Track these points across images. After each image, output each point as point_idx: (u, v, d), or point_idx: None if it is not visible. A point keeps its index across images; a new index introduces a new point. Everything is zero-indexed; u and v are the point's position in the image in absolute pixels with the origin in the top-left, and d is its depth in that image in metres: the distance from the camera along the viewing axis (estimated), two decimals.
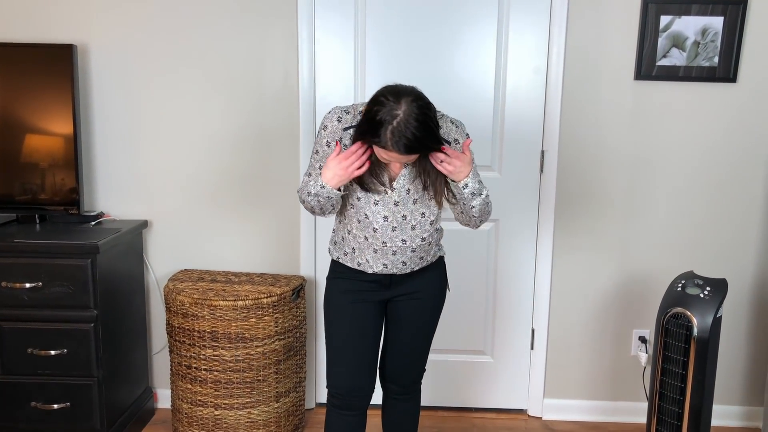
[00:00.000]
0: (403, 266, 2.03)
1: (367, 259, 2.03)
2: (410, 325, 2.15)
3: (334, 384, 2.12)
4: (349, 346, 2.09)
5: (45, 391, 2.55)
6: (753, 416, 2.99)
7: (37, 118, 2.68)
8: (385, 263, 2.02)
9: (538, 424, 2.99)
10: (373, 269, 2.03)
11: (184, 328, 2.59)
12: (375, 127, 1.77)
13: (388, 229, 1.98)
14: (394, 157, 1.83)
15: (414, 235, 2.00)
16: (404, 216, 1.98)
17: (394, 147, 1.76)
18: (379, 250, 2.00)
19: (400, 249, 2.00)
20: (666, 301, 2.26)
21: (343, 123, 1.94)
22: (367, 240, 2.01)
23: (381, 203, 1.97)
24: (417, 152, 1.80)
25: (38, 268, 2.47)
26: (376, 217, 1.98)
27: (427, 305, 2.14)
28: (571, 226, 2.89)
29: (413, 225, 2.00)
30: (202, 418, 2.63)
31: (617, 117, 2.80)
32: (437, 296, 2.17)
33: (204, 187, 2.90)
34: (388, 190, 1.95)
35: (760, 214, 2.85)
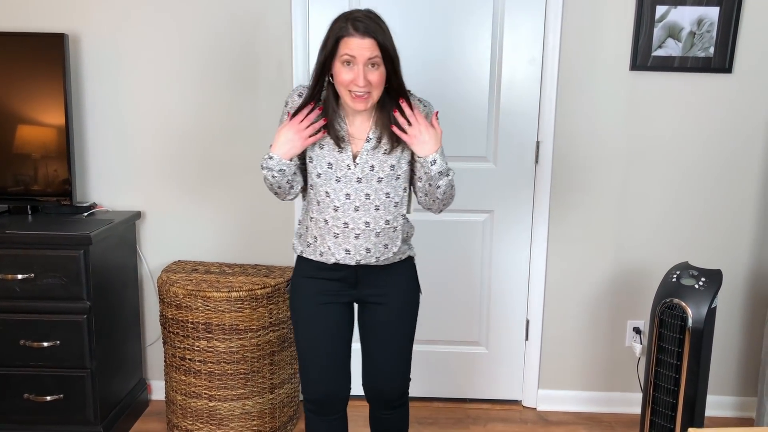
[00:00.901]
0: (366, 253, 1.93)
1: (329, 246, 1.93)
2: (381, 336, 2.04)
3: (308, 391, 2.04)
4: (320, 351, 2.00)
5: (38, 383, 2.53)
6: (747, 406, 3.00)
7: (29, 109, 2.66)
8: (347, 248, 1.92)
9: (533, 415, 3.00)
10: (335, 257, 1.93)
11: (178, 319, 2.58)
12: (333, 27, 1.79)
13: (351, 209, 1.90)
14: (355, 47, 1.77)
15: (378, 216, 1.92)
16: (368, 195, 1.90)
17: (358, 28, 1.76)
18: (341, 233, 1.91)
19: (363, 232, 1.92)
20: (661, 291, 2.26)
21: (304, 98, 1.89)
22: (327, 223, 1.92)
23: (343, 180, 1.89)
24: (378, 35, 1.77)
25: (30, 259, 2.45)
26: (337, 195, 1.90)
27: (397, 313, 2.03)
28: (566, 217, 2.89)
29: (377, 205, 1.91)
30: (196, 410, 2.62)
31: (612, 108, 2.79)
32: (409, 302, 2.06)
33: (198, 178, 2.88)
34: (351, 165, 1.88)
35: (755, 205, 2.85)
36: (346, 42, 1.78)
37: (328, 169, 1.90)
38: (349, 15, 1.80)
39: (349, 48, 1.78)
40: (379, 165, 1.90)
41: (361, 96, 1.82)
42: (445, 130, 2.83)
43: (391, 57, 1.81)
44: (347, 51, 1.78)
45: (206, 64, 2.80)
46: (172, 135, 2.85)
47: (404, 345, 2.07)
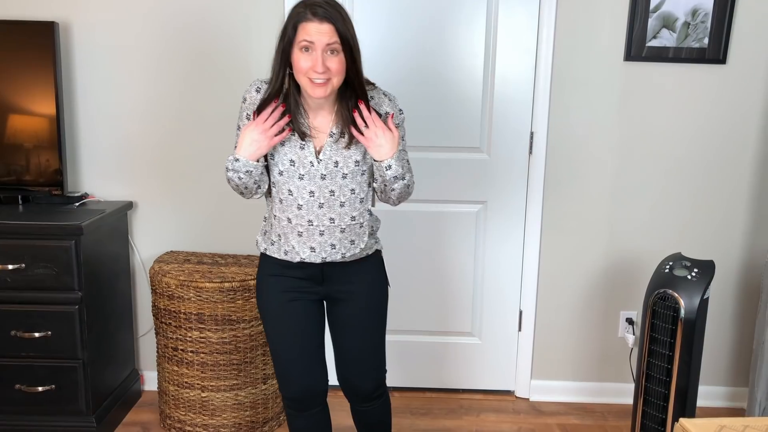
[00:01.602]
0: (332, 250, 1.89)
1: (293, 245, 1.89)
2: (350, 331, 2.00)
3: (285, 389, 2.01)
4: (291, 348, 1.97)
5: (29, 373, 2.52)
6: (738, 397, 3.01)
7: (20, 98, 2.64)
8: (312, 246, 1.88)
9: (525, 405, 3.01)
10: (300, 256, 1.89)
11: (170, 310, 2.57)
12: (291, 14, 1.76)
13: (315, 206, 1.86)
14: (313, 32, 1.72)
15: (343, 212, 1.88)
16: (332, 191, 1.86)
17: (316, 12, 1.71)
18: (304, 231, 1.87)
19: (328, 229, 1.87)
20: (654, 282, 2.26)
21: (262, 93, 1.85)
22: (290, 222, 1.88)
23: (307, 177, 1.84)
24: (337, 21, 1.73)
25: (21, 249, 2.44)
26: (301, 193, 1.85)
27: (365, 308, 1.99)
28: (559, 208, 2.89)
29: (342, 202, 1.87)
30: (189, 400, 2.62)
31: (606, 98, 2.79)
32: (377, 296, 2.01)
33: (190, 168, 2.87)
34: (314, 161, 1.83)
35: (748, 196, 2.85)
36: (304, 27, 1.73)
37: (290, 167, 1.85)
38: (308, 1, 1.75)
39: (308, 33, 1.73)
40: (343, 161, 1.85)
41: (321, 83, 1.76)
42: (439, 120, 2.83)
43: (350, 45, 1.76)
44: (305, 36, 1.73)
45: (199, 53, 2.77)
46: (165, 124, 2.83)
47: (375, 339, 2.03)
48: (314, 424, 2.07)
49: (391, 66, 2.77)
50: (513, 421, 2.87)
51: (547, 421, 2.87)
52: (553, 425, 2.85)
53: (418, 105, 2.79)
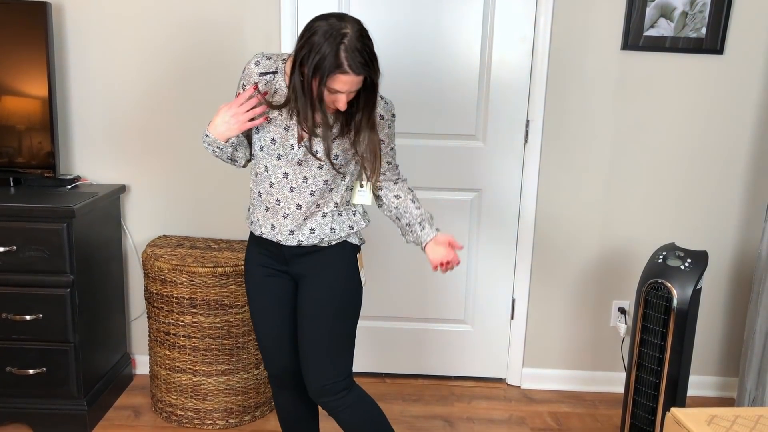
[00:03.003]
0: (290, 235, 1.87)
1: (258, 217, 1.90)
2: (307, 319, 1.91)
3: (266, 365, 2.04)
4: (268, 325, 1.97)
5: (20, 356, 2.51)
6: (728, 386, 3.03)
7: (11, 79, 2.61)
8: (273, 224, 1.87)
9: (517, 393, 3.02)
10: (261, 230, 1.89)
11: (163, 294, 2.56)
12: (323, 55, 1.63)
13: (286, 188, 1.85)
14: (347, 84, 1.66)
15: (311, 201, 1.85)
16: (305, 178, 1.83)
17: (352, 67, 1.63)
18: (271, 208, 1.87)
19: (293, 213, 1.86)
20: (647, 272, 2.27)
21: (260, 67, 1.82)
22: (261, 196, 1.89)
23: (284, 159, 1.83)
24: (370, 70, 1.68)
25: (12, 231, 2.42)
26: (275, 172, 1.84)
27: (320, 294, 1.90)
28: (554, 197, 2.88)
29: (313, 191, 1.85)
30: (181, 385, 2.62)
31: (603, 87, 2.78)
32: (336, 288, 1.91)
33: (183, 152, 2.85)
34: (294, 145, 1.80)
35: (743, 186, 2.86)
36: (338, 78, 1.66)
37: (271, 145, 1.84)
38: (344, 42, 1.63)
39: (340, 84, 1.67)
40: (323, 151, 1.81)
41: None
42: (435, 108, 2.82)
43: (375, 84, 1.74)
44: (336, 86, 1.68)
45: (193, 35, 2.75)
46: (158, 108, 2.81)
47: (327, 333, 1.90)
48: (296, 402, 2.09)
49: (386, 53, 2.75)
50: (504, 409, 2.88)
51: (538, 409, 2.89)
52: (544, 413, 2.86)
53: (413, 92, 2.78)
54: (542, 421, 2.80)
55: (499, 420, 2.79)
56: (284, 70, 1.82)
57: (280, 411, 2.13)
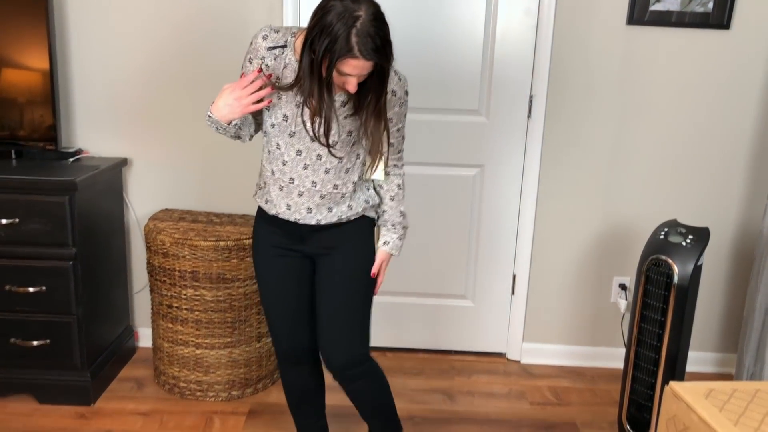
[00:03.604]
0: (307, 213, 1.86)
1: (272, 197, 1.87)
2: (327, 295, 1.93)
3: (275, 342, 2.03)
4: (278, 303, 1.96)
5: (24, 328, 2.53)
6: (727, 363, 3.05)
7: (12, 52, 2.59)
8: (288, 204, 1.85)
9: (517, 368, 3.04)
10: (276, 209, 1.87)
11: (165, 267, 2.57)
12: (335, 37, 1.57)
13: (299, 166, 1.82)
14: (357, 68, 1.62)
15: (326, 179, 1.83)
16: (319, 156, 1.81)
17: (362, 52, 1.57)
18: (285, 187, 1.84)
19: (308, 191, 1.84)
20: (648, 248, 2.27)
21: (268, 41, 1.76)
22: (274, 174, 1.85)
23: (297, 136, 1.79)
24: (382, 56, 1.62)
25: (15, 204, 2.42)
26: (288, 150, 1.81)
27: (344, 272, 1.92)
28: (556, 173, 2.88)
29: (327, 168, 1.82)
30: (183, 357, 2.64)
31: (607, 62, 2.76)
32: (357, 262, 1.93)
33: (186, 126, 2.84)
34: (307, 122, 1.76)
35: (746, 163, 2.85)
36: (348, 62, 1.61)
37: (283, 122, 1.79)
38: (356, 26, 1.57)
39: (350, 68, 1.63)
40: (336, 128, 1.77)
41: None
42: (437, 82, 2.80)
43: (385, 70, 1.69)
44: (346, 70, 1.63)
45: (194, 6, 2.73)
46: (160, 80, 2.80)
47: (350, 307, 1.94)
48: (304, 380, 2.10)
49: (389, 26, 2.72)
50: (504, 383, 2.91)
51: (537, 384, 2.91)
52: (544, 387, 2.88)
53: (416, 67, 2.76)
54: (542, 396, 2.82)
55: (499, 394, 2.82)
56: (293, 45, 1.77)
57: (290, 388, 2.12)
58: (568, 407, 2.74)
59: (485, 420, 2.63)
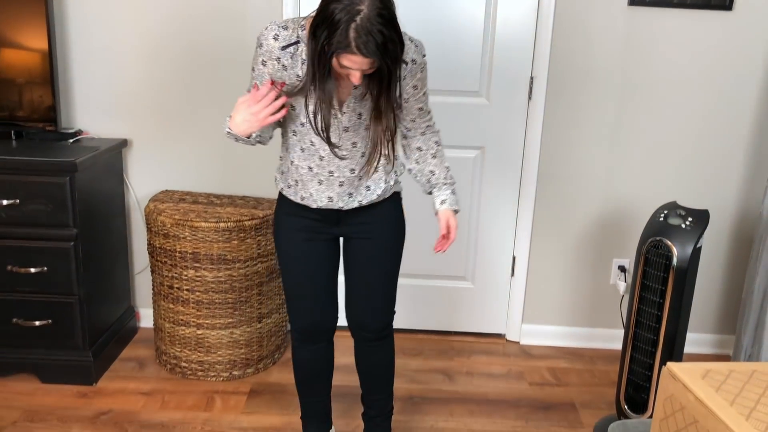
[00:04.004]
0: (349, 198, 1.90)
1: (311, 192, 1.89)
2: (366, 268, 2.01)
3: (296, 321, 2.06)
4: (305, 285, 2.00)
5: (26, 308, 2.55)
6: (725, 344, 3.07)
7: (11, 31, 2.58)
8: (330, 196, 1.88)
9: (516, 348, 3.06)
10: (318, 204, 1.89)
11: (166, 248, 2.58)
12: (333, 29, 1.54)
13: (336, 158, 1.84)
14: (357, 63, 1.59)
15: (363, 163, 1.87)
16: (354, 143, 1.83)
17: (360, 49, 1.54)
18: (325, 180, 1.86)
19: (348, 179, 1.87)
20: (647, 230, 2.27)
21: (280, 41, 1.73)
22: (312, 170, 1.86)
23: (330, 129, 1.78)
24: (383, 55, 1.58)
25: (15, 185, 2.43)
26: (323, 144, 1.81)
27: (381, 246, 1.99)
28: (557, 155, 2.88)
29: (363, 152, 1.86)
30: (184, 337, 2.66)
31: (609, 44, 2.74)
32: (392, 236, 2.01)
33: (185, 106, 2.84)
34: (338, 113, 1.77)
35: (746, 145, 2.84)
36: (347, 57, 1.58)
37: (313, 118, 1.77)
38: (355, 21, 1.53)
39: (350, 62, 1.60)
40: (367, 113, 1.80)
41: None
42: (439, 64, 2.79)
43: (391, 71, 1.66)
44: (346, 64, 1.61)
45: None
46: (160, 61, 2.79)
47: (387, 279, 2.04)
48: (318, 357, 2.13)
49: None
50: (503, 364, 2.93)
51: (536, 364, 2.93)
52: (542, 368, 2.90)
53: None
54: (540, 376, 2.84)
55: (498, 374, 2.84)
56: (304, 38, 1.73)
57: (302, 365, 2.15)
58: (567, 388, 2.77)
59: (484, 400, 2.65)
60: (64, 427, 2.38)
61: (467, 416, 2.54)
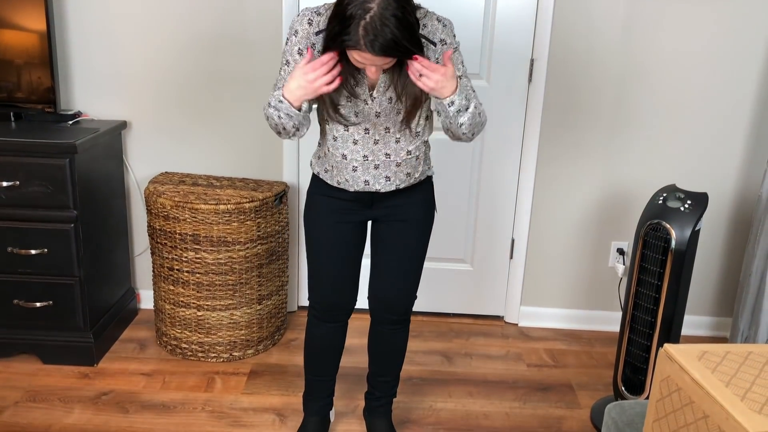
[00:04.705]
0: (386, 182, 1.90)
1: (347, 178, 1.90)
2: (396, 250, 2.03)
3: (316, 299, 2.08)
4: (331, 266, 2.02)
5: (27, 289, 2.56)
6: (722, 326, 3.09)
7: (8, 12, 2.56)
8: (366, 179, 1.89)
9: (514, 330, 3.08)
10: (354, 188, 1.91)
11: (166, 230, 2.58)
12: (344, 24, 1.57)
13: (370, 142, 1.85)
14: (368, 59, 1.62)
15: (399, 148, 1.87)
16: (387, 128, 1.84)
17: (367, 47, 1.57)
18: (359, 166, 1.87)
19: (384, 163, 1.88)
20: (646, 213, 2.28)
21: (314, 26, 1.75)
22: (346, 158, 1.87)
23: (361, 115, 1.81)
24: (393, 54, 1.60)
25: (15, 166, 2.43)
26: (356, 129, 1.84)
27: (412, 229, 2.01)
28: (556, 137, 2.87)
29: (397, 138, 1.86)
30: (185, 319, 2.67)
31: (609, 26, 2.73)
32: (423, 219, 2.02)
33: (185, 88, 2.83)
34: (368, 99, 1.79)
35: (747, 128, 2.84)
36: (358, 53, 1.61)
37: (347, 103, 1.80)
38: (365, 19, 1.54)
39: (361, 57, 1.62)
40: (397, 97, 1.80)
41: None
42: None
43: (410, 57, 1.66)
44: (358, 59, 1.64)
45: None
46: (159, 42, 2.77)
47: (415, 261, 2.06)
48: (332, 335, 2.15)
49: None
50: (501, 345, 2.95)
51: (534, 346, 2.95)
52: (541, 350, 2.92)
53: None
54: (538, 358, 2.86)
55: (496, 356, 2.86)
56: None
57: (315, 343, 2.16)
58: (565, 369, 2.79)
59: (482, 381, 2.67)
60: (66, 408, 2.40)
61: (466, 397, 2.57)
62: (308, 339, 2.17)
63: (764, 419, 1.05)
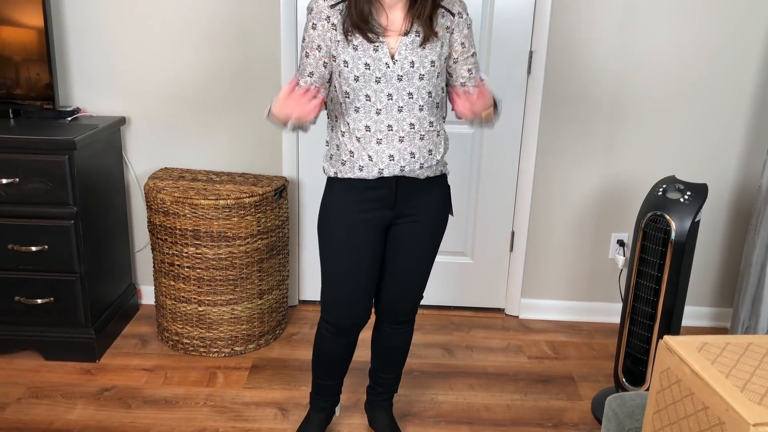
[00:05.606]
0: (411, 158, 1.84)
1: (370, 155, 1.83)
2: (409, 252, 1.99)
3: (329, 313, 2.02)
4: (347, 280, 1.96)
5: (28, 286, 2.56)
6: (722, 317, 3.09)
7: (6, 8, 2.56)
8: (391, 154, 1.82)
9: (515, 323, 3.08)
10: (378, 166, 1.83)
11: (166, 226, 2.58)
12: None
13: (394, 110, 1.80)
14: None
15: (422, 117, 1.83)
16: (410, 94, 1.80)
17: None
18: (384, 138, 1.82)
19: (408, 135, 1.82)
20: (646, 204, 2.28)
21: (329, 0, 1.77)
22: (369, 130, 1.82)
23: (383, 80, 1.78)
24: None
25: (14, 163, 2.43)
26: (379, 97, 1.79)
27: (427, 230, 1.98)
28: (555, 130, 2.87)
29: (421, 105, 1.82)
30: (186, 314, 2.68)
31: (608, 18, 2.72)
32: (439, 221, 2.00)
33: (183, 83, 2.82)
34: (390, 63, 1.77)
35: (746, 119, 2.84)
36: None
37: (366, 71, 1.77)
38: None
39: None
40: (419, 61, 1.78)
41: None
42: None
43: None
44: None
45: None
46: (158, 38, 2.77)
47: (427, 263, 2.04)
48: (346, 349, 2.11)
49: None
50: (502, 338, 2.95)
51: (535, 338, 2.96)
52: (541, 342, 2.93)
53: None
54: (539, 350, 2.87)
55: (497, 348, 2.86)
56: None
57: (328, 354, 2.11)
58: (565, 361, 2.79)
59: (483, 373, 2.68)
60: (69, 404, 2.41)
61: (467, 390, 2.57)
62: (318, 348, 2.13)
63: (764, 410, 1.05)
